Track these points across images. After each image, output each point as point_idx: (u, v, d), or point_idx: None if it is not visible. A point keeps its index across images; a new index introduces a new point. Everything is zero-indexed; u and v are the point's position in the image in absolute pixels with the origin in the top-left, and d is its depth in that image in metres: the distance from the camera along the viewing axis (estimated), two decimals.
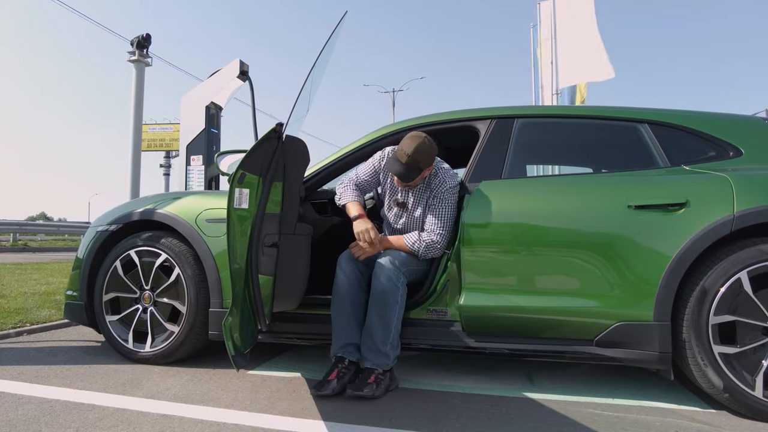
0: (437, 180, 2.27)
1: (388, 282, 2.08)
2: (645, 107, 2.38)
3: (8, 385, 2.12)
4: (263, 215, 1.64)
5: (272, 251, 1.74)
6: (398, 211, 2.39)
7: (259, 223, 1.62)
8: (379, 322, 2.08)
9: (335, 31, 2.00)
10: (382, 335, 2.09)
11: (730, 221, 1.89)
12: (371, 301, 2.12)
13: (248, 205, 1.61)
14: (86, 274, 2.70)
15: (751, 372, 1.83)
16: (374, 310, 2.10)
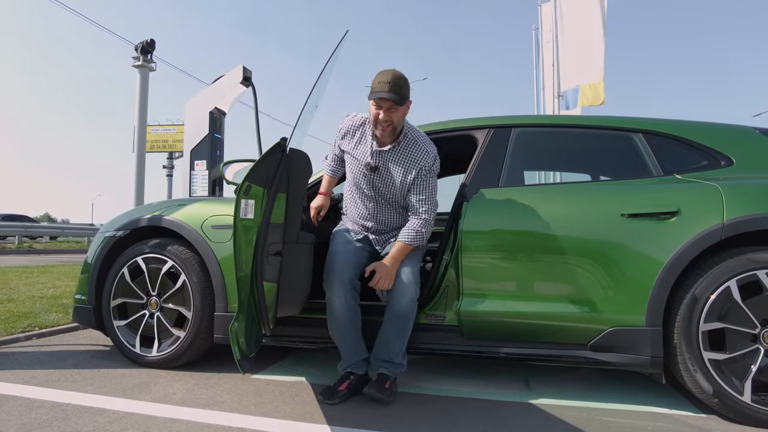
0: (418, 149, 2.20)
1: (410, 302, 2.12)
2: (639, 117, 2.44)
3: (21, 389, 2.19)
4: (268, 225, 1.71)
5: (276, 259, 1.81)
6: (371, 177, 2.26)
7: (264, 233, 1.69)
8: (397, 339, 2.14)
9: (336, 49, 2.06)
10: (398, 349, 2.15)
11: (719, 230, 1.95)
12: (392, 319, 2.13)
13: (254, 216, 1.68)
14: (94, 279, 2.77)
15: (740, 378, 1.88)
16: (393, 327, 2.13)
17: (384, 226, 2.36)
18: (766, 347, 1.88)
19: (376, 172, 2.25)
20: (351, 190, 2.38)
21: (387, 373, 2.14)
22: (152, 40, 7.48)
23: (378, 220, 2.35)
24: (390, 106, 2.10)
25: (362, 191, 2.33)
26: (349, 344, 2.22)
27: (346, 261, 2.17)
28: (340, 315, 2.17)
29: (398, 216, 2.35)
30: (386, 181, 2.26)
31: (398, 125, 2.18)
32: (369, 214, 2.35)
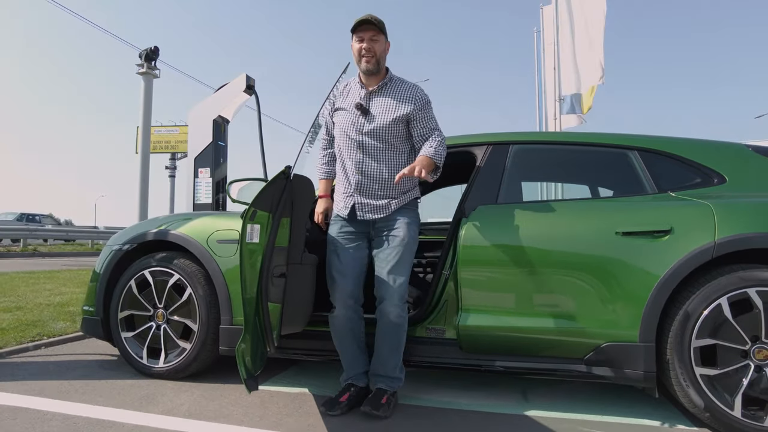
0: (408, 87, 2.29)
1: (397, 318, 2.17)
2: (635, 134, 2.50)
3: (33, 401, 2.25)
4: (273, 249, 1.77)
5: (280, 281, 1.87)
6: (361, 121, 2.27)
7: (269, 256, 1.75)
8: (391, 353, 2.20)
9: (338, 80, 2.14)
10: (393, 363, 2.21)
11: (711, 248, 2.00)
12: (382, 336, 2.20)
13: (259, 240, 1.74)
14: (102, 291, 2.83)
15: (731, 393, 1.94)
16: (386, 343, 2.20)
17: (369, 180, 2.26)
18: (755, 363, 1.93)
19: (367, 115, 2.26)
20: (338, 152, 2.36)
21: (384, 387, 2.20)
22: (156, 47, 7.56)
23: (363, 173, 2.26)
24: (372, 35, 2.23)
25: (349, 139, 2.29)
26: (350, 356, 2.29)
27: (346, 275, 2.23)
28: (341, 328, 2.24)
29: (384, 168, 2.26)
30: (377, 120, 2.25)
31: (380, 57, 2.26)
32: (355, 168, 2.27)
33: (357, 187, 2.28)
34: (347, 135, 2.30)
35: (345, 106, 2.33)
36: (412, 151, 2.36)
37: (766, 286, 1.94)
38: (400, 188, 2.29)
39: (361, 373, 2.29)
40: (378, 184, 2.27)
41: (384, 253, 2.22)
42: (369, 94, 2.30)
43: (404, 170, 2.09)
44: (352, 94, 2.35)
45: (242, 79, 5.74)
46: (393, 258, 2.20)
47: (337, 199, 2.37)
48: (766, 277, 1.94)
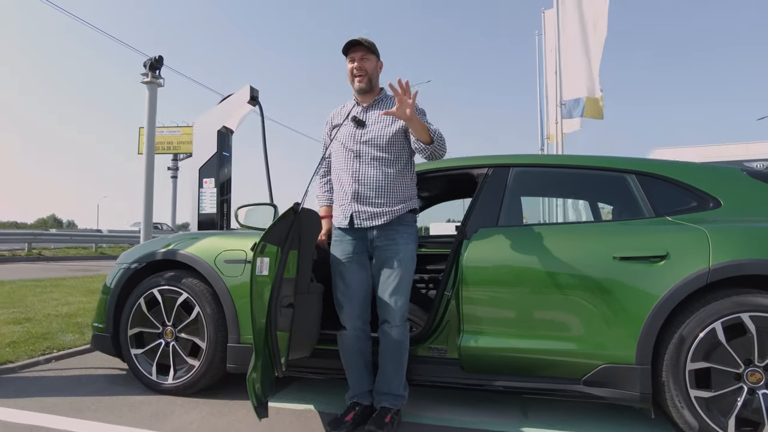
0: None
1: (399, 336, 2.25)
2: (633, 158, 2.56)
3: (47, 419, 2.32)
4: (281, 280, 1.84)
5: (288, 311, 1.94)
6: (359, 132, 2.34)
7: (278, 288, 1.82)
8: (395, 372, 2.27)
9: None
10: (397, 381, 2.28)
11: (705, 274, 2.06)
12: (386, 355, 2.27)
13: (268, 272, 1.81)
14: (112, 308, 2.90)
15: (725, 414, 1.99)
16: (390, 361, 2.27)
17: (367, 189, 2.29)
18: (749, 386, 1.99)
19: (363, 127, 2.34)
20: (336, 166, 2.41)
21: (389, 405, 2.26)
22: (160, 56, 7.60)
23: (361, 182, 2.30)
24: (362, 55, 2.33)
25: (347, 150, 2.34)
26: (356, 374, 2.36)
27: (352, 298, 2.30)
28: (348, 347, 2.33)
29: (380, 176, 2.29)
30: (373, 132, 2.32)
31: (372, 76, 2.37)
32: (352, 178, 2.32)
33: (354, 196, 2.31)
34: (345, 146, 2.37)
35: (342, 121, 2.43)
36: (409, 161, 2.41)
37: (759, 311, 1.99)
38: (396, 196, 2.32)
39: (367, 392, 2.35)
40: (374, 192, 2.30)
41: (383, 275, 2.28)
42: (364, 109, 2.39)
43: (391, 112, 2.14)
44: (348, 111, 2.45)
45: (246, 91, 5.81)
46: (393, 280, 2.26)
47: (336, 213, 2.42)
48: (759, 302, 2.00)
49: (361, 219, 2.30)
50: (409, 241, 2.33)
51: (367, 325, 2.36)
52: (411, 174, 2.43)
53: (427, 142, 2.21)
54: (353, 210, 2.31)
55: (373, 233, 2.31)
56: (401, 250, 2.29)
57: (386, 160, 2.32)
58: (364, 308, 2.33)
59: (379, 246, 2.31)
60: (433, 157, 2.27)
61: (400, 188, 2.32)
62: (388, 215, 2.29)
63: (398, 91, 2.09)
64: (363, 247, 2.34)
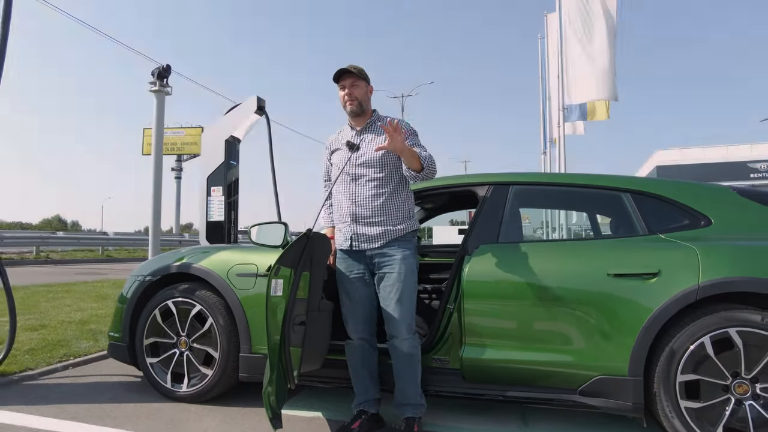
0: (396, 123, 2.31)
1: (409, 349, 2.34)
2: (628, 176, 2.67)
3: (69, 426, 2.45)
4: (294, 301, 1.97)
5: (301, 328, 2.07)
6: (352, 156, 2.45)
7: (291, 307, 1.95)
8: (410, 383, 2.36)
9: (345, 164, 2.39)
10: (414, 391, 2.37)
11: (695, 291, 2.17)
12: (399, 368, 2.36)
13: (282, 293, 1.93)
14: (128, 318, 3.03)
15: (713, 424, 2.10)
16: (404, 374, 2.36)
17: (363, 209, 2.40)
18: (736, 397, 2.10)
19: (357, 150, 2.44)
20: (335, 188, 2.53)
21: (412, 415, 2.36)
22: (168, 65, 7.73)
23: (358, 203, 2.41)
24: (352, 82, 2.46)
25: (345, 174, 2.46)
26: (362, 384, 2.47)
27: (357, 313, 2.43)
28: (355, 358, 2.46)
29: (376, 195, 2.40)
30: (367, 154, 2.43)
31: (362, 100, 2.48)
32: (350, 200, 2.43)
33: (353, 217, 2.42)
34: (341, 170, 2.48)
35: (339, 146, 2.55)
36: (403, 180, 2.48)
37: (745, 326, 2.10)
38: (394, 214, 2.41)
39: (372, 400, 2.47)
40: (371, 212, 2.40)
41: (385, 291, 2.37)
42: (358, 132, 2.52)
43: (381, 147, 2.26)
44: (343, 135, 2.58)
45: (253, 101, 5.94)
46: (395, 295, 2.34)
47: (338, 235, 2.52)
48: (745, 317, 2.11)
49: (359, 241, 2.41)
50: (408, 255, 2.40)
51: (373, 336, 2.48)
52: (406, 190, 2.51)
53: (417, 170, 2.32)
54: (352, 232, 2.42)
55: (372, 252, 2.41)
56: (400, 264, 2.37)
57: (381, 180, 2.42)
58: (369, 321, 2.46)
59: (378, 263, 2.41)
60: (423, 180, 2.39)
61: (396, 205, 2.43)
62: (386, 236, 2.39)
63: (389, 129, 2.20)
64: (364, 265, 2.45)
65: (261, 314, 2.65)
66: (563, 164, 11.60)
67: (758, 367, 2.07)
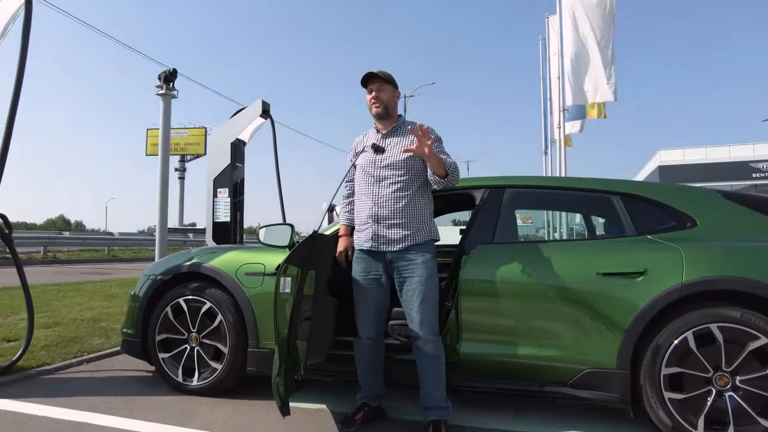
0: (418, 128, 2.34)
1: (433, 350, 2.38)
2: (618, 179, 2.79)
3: (89, 416, 2.59)
4: (301, 297, 2.10)
5: (307, 323, 2.20)
6: (378, 158, 2.52)
7: (298, 304, 2.08)
8: (436, 385, 2.40)
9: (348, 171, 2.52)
10: (440, 393, 2.40)
11: (679, 289, 2.29)
12: (424, 370, 2.40)
13: (290, 290, 2.07)
14: (141, 315, 3.17)
15: (695, 414, 2.23)
16: (428, 375, 2.39)
17: (386, 210, 2.45)
18: (717, 389, 2.22)
19: (382, 153, 2.52)
20: (358, 189, 2.60)
21: (437, 418, 2.38)
22: (174, 69, 7.89)
23: (380, 205, 2.46)
24: (379, 86, 2.53)
25: (368, 176, 2.53)
26: (367, 379, 2.58)
27: (369, 313, 2.52)
28: (363, 354, 2.56)
29: (398, 197, 2.45)
30: (392, 157, 2.50)
31: (389, 104, 2.56)
32: (372, 202, 2.49)
33: (374, 218, 2.47)
34: (366, 172, 2.55)
35: (364, 148, 2.62)
36: (425, 185, 2.54)
37: (726, 322, 2.22)
38: (415, 216, 2.45)
39: (376, 395, 2.58)
40: (392, 213, 2.45)
41: (408, 295, 2.42)
42: (384, 136, 2.59)
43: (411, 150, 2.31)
44: (369, 138, 2.65)
45: (258, 105, 6.09)
46: (417, 298, 2.39)
47: (358, 234, 2.59)
48: (726, 314, 2.23)
49: (379, 243, 2.46)
50: (428, 259, 2.44)
51: (381, 336, 2.57)
52: (428, 195, 2.57)
53: (442, 175, 2.38)
54: (373, 233, 2.48)
55: (392, 255, 2.46)
56: (421, 268, 2.41)
57: (404, 183, 2.47)
58: (379, 322, 2.55)
59: (398, 267, 2.46)
60: (446, 186, 2.46)
61: (418, 209, 2.47)
62: (406, 241, 2.43)
63: (418, 134, 2.27)
64: (382, 266, 2.50)
65: (268, 311, 2.80)
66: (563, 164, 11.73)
67: (738, 360, 2.20)
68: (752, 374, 2.18)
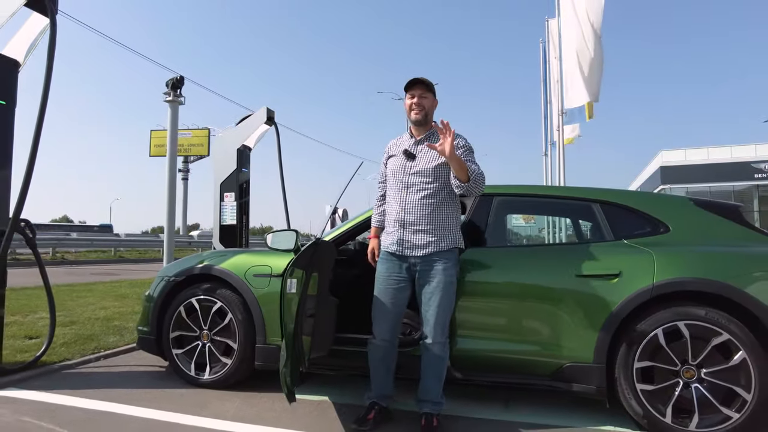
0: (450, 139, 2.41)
1: (439, 352, 2.53)
2: (598, 188, 3.01)
3: (111, 406, 2.82)
4: (306, 297, 2.33)
5: (310, 320, 2.43)
6: (409, 164, 2.62)
7: (303, 303, 2.31)
8: (436, 382, 2.56)
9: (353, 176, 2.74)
10: (438, 390, 2.57)
11: (650, 290, 2.51)
12: (427, 367, 2.55)
13: (295, 291, 2.29)
14: (155, 314, 3.40)
15: (664, 404, 2.44)
16: (430, 372, 2.55)
17: (412, 216, 2.55)
18: (684, 380, 2.44)
19: (412, 159, 2.61)
20: (388, 193, 2.73)
21: (431, 411, 2.55)
22: (181, 76, 8.17)
23: (407, 210, 2.56)
24: (422, 92, 2.63)
25: (399, 182, 2.62)
26: (380, 379, 2.68)
27: (386, 314, 2.60)
28: (377, 355, 2.65)
29: (426, 204, 2.55)
30: (421, 163, 2.59)
31: (429, 111, 2.66)
32: (400, 207, 2.58)
33: (401, 223, 2.57)
34: (396, 177, 2.65)
35: (396, 153, 2.73)
36: (453, 194, 2.59)
37: (692, 319, 2.44)
38: (441, 223, 2.55)
39: (386, 395, 2.69)
40: (418, 219, 2.54)
41: (425, 297, 2.54)
42: (416, 142, 2.68)
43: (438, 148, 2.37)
44: (402, 143, 2.74)
45: (263, 112, 6.33)
46: (434, 301, 2.51)
47: (385, 237, 2.69)
48: (692, 312, 2.45)
49: (404, 247, 2.56)
50: (449, 266, 2.54)
51: (395, 338, 2.64)
52: (455, 204, 2.64)
53: (463, 180, 2.43)
54: (399, 237, 2.57)
55: (415, 259, 2.57)
56: (442, 274, 2.51)
57: (432, 190, 2.56)
58: (396, 325, 2.63)
59: (420, 270, 2.56)
60: (468, 194, 2.51)
61: (443, 216, 2.56)
62: (430, 247, 2.53)
63: (441, 129, 2.39)
64: (406, 270, 2.59)
65: (275, 310, 3.03)
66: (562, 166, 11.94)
67: (703, 354, 2.41)
68: (715, 367, 2.40)
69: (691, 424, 2.39)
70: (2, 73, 3.28)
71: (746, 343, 2.34)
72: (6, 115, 3.30)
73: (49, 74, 3.19)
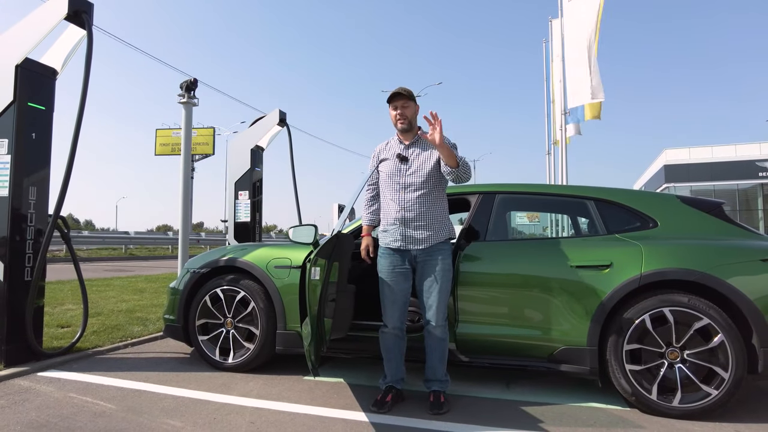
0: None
1: (441, 334, 2.78)
2: (593, 186, 3.25)
3: (144, 386, 3.10)
4: (327, 283, 2.59)
5: (332, 304, 2.69)
6: (401, 167, 2.84)
7: (325, 288, 2.56)
8: (439, 362, 2.81)
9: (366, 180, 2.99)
10: (443, 369, 2.82)
11: (638, 279, 2.75)
12: (431, 350, 2.80)
13: (318, 277, 2.55)
14: (182, 303, 3.67)
15: (650, 383, 2.68)
16: (434, 355, 2.80)
17: (412, 213, 2.80)
18: (668, 361, 2.68)
19: (406, 162, 2.84)
20: (384, 195, 2.94)
21: (438, 389, 2.81)
22: (195, 79, 8.41)
23: (406, 208, 2.80)
24: (403, 103, 2.85)
25: (394, 183, 2.86)
26: (394, 365, 2.93)
27: (395, 303, 2.82)
28: (388, 343, 2.90)
29: (422, 202, 2.80)
30: (414, 165, 2.83)
31: (411, 119, 2.88)
32: (399, 206, 2.82)
33: (402, 221, 2.81)
34: (393, 179, 2.88)
35: (388, 156, 2.95)
36: (443, 190, 2.88)
37: (676, 306, 2.68)
38: (436, 219, 2.81)
39: (400, 378, 2.95)
40: (417, 216, 2.80)
41: (425, 285, 2.79)
42: (406, 147, 2.93)
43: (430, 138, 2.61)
44: (392, 148, 2.97)
45: (275, 114, 6.60)
46: (433, 289, 2.76)
47: (384, 234, 2.91)
48: (676, 299, 2.69)
49: (407, 242, 2.82)
50: (446, 256, 2.82)
51: (404, 325, 2.89)
52: (444, 200, 2.93)
53: (453, 166, 2.68)
54: (401, 234, 2.82)
55: (416, 252, 2.82)
56: (440, 263, 2.78)
57: (426, 189, 2.82)
58: (404, 312, 2.87)
59: (420, 261, 2.82)
60: (458, 180, 2.73)
61: (438, 212, 2.84)
62: (430, 240, 2.79)
63: (430, 121, 2.60)
64: (408, 262, 2.85)
65: (295, 299, 3.30)
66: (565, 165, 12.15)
67: (685, 337, 2.66)
68: (697, 349, 2.64)
69: (675, 400, 2.63)
70: (42, 81, 3.55)
71: (724, 327, 2.59)
72: (46, 119, 3.57)
73: (86, 82, 3.46)
